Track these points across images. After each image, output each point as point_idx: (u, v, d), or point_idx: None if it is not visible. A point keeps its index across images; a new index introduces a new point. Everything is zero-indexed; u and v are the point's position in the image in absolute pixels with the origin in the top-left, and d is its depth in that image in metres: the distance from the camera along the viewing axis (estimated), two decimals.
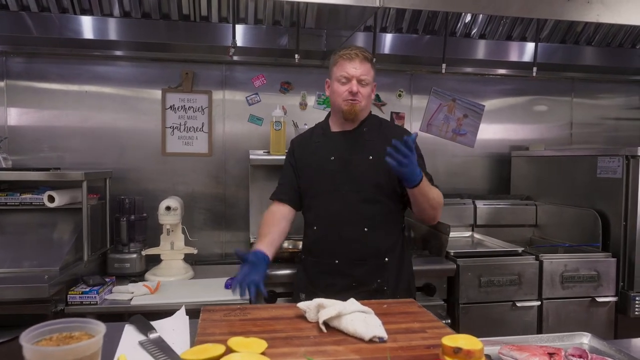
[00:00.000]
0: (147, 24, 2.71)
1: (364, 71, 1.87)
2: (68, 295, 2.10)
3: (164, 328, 1.24)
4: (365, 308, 1.24)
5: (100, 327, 0.85)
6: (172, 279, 2.50)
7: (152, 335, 1.18)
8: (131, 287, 2.29)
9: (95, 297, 2.12)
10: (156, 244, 2.64)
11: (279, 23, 2.86)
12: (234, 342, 1.02)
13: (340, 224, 1.88)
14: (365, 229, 1.86)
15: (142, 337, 1.19)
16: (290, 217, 2.02)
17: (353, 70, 1.86)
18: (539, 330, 2.40)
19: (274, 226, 1.96)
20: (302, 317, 1.29)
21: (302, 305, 1.29)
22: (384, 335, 1.15)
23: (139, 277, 2.53)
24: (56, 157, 2.85)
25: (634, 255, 2.49)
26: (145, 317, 1.29)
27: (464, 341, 1.03)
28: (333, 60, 1.94)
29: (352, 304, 1.24)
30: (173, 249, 2.61)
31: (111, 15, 2.66)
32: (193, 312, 1.39)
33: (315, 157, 1.98)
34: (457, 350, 1.00)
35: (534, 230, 3.12)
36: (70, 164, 2.83)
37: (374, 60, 1.97)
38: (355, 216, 1.87)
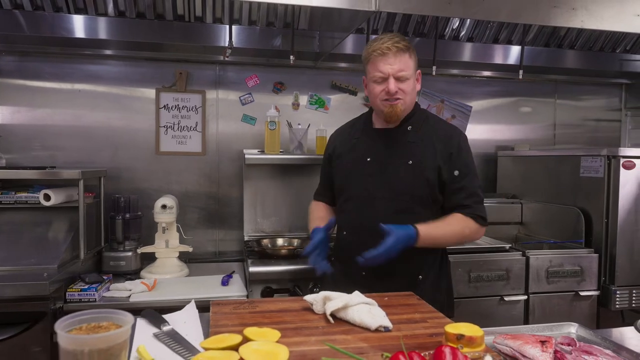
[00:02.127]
0: (141, 24, 2.72)
1: (402, 65, 1.68)
2: (67, 293, 2.12)
3: (175, 321, 1.28)
4: (370, 300, 1.30)
5: (129, 318, 0.90)
6: (167, 276, 2.53)
7: (165, 328, 1.22)
8: (128, 284, 2.31)
9: (94, 294, 2.14)
10: (151, 242, 2.66)
11: (272, 24, 2.90)
12: (249, 331, 1.07)
13: (370, 233, 1.67)
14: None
15: (155, 330, 1.23)
16: (332, 215, 1.99)
17: (388, 68, 1.68)
18: (526, 324, 2.49)
19: (319, 212, 1.99)
20: (308, 309, 1.34)
21: (308, 297, 1.34)
22: (390, 325, 1.21)
23: (134, 275, 2.56)
24: (48, 156, 2.84)
25: (614, 251, 2.60)
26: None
27: (466, 329, 1.09)
28: (365, 57, 1.77)
29: (357, 296, 1.30)
30: (168, 247, 2.64)
31: (106, 14, 2.67)
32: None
33: (352, 156, 1.85)
34: (460, 337, 1.07)
35: (519, 227, 3.23)
36: (62, 162, 2.83)
37: (412, 47, 1.79)
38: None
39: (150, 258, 2.66)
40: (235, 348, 1.00)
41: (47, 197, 2.36)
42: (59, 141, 2.86)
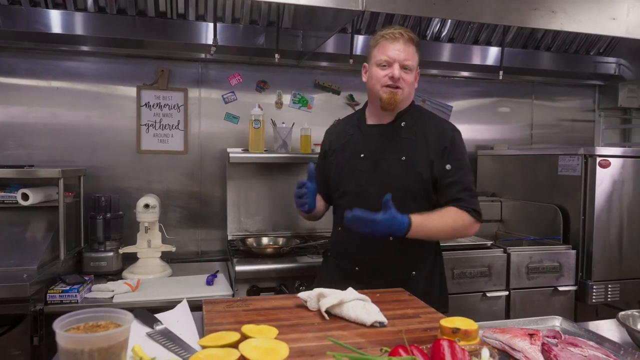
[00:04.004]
0: (122, 20, 2.68)
1: (409, 55, 1.68)
2: (47, 294, 2.07)
3: (167, 320, 1.26)
4: (363, 296, 1.32)
5: (128, 316, 0.88)
6: (150, 276, 2.50)
7: (158, 327, 1.21)
8: (111, 285, 2.27)
9: (75, 295, 2.09)
10: (132, 242, 2.62)
11: (256, 22, 2.89)
12: (247, 329, 1.07)
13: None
14: (391, 238, 1.66)
15: (148, 330, 1.21)
16: (323, 204, 1.99)
17: (396, 53, 1.67)
18: (507, 318, 2.54)
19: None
20: (302, 306, 1.34)
21: (302, 295, 1.35)
22: (384, 320, 1.22)
23: (115, 275, 2.51)
24: (24, 155, 2.77)
25: (591, 247, 2.68)
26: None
27: (461, 322, 1.11)
28: (373, 41, 1.76)
29: (352, 292, 1.31)
30: (150, 247, 2.60)
31: (85, 10, 2.62)
32: None
33: (346, 153, 1.84)
34: (455, 331, 1.08)
35: (499, 225, 3.29)
36: (39, 161, 2.75)
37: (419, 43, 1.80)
38: None
39: (131, 258, 2.61)
40: (234, 345, 1.00)
41: (25, 197, 2.30)
42: (36, 140, 2.79)
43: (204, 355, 0.94)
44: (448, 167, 1.73)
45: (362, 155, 1.78)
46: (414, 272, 1.76)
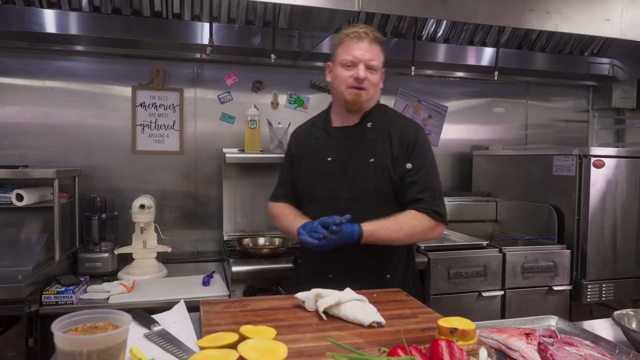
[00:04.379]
0: (117, 20, 2.67)
1: (374, 55, 1.64)
2: (42, 296, 2.06)
3: (165, 321, 1.26)
4: (361, 297, 1.32)
5: (126, 317, 0.88)
6: (146, 277, 2.49)
7: (155, 328, 1.20)
8: (106, 286, 2.26)
9: (71, 296, 2.08)
10: (127, 242, 2.61)
11: (251, 22, 2.88)
12: (246, 329, 1.07)
13: None
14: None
15: (145, 331, 1.20)
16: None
17: (361, 53, 1.62)
18: (503, 318, 2.56)
19: (291, 209, 1.83)
20: (299, 306, 1.34)
21: (300, 295, 1.35)
22: (382, 320, 1.22)
23: (111, 276, 2.50)
24: (19, 155, 2.75)
25: (586, 247, 2.70)
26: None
27: (458, 322, 1.12)
28: (337, 40, 1.70)
29: (349, 292, 1.31)
30: (146, 247, 2.59)
31: (80, 9, 2.60)
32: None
33: (312, 157, 1.78)
34: (453, 331, 1.09)
35: (494, 225, 3.31)
36: (33, 161, 2.73)
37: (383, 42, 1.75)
38: None
39: (127, 259, 2.60)
40: (232, 346, 0.99)
41: (19, 197, 2.28)
42: (31, 140, 2.77)
43: (202, 357, 0.94)
44: (409, 166, 1.68)
45: (329, 159, 1.72)
46: (388, 275, 1.71)
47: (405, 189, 1.68)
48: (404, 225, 1.62)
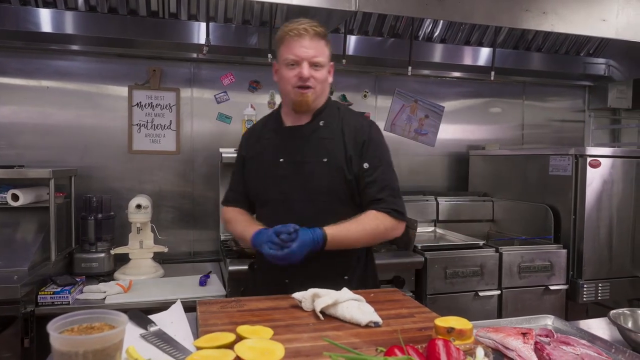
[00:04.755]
0: (113, 19, 2.66)
1: (318, 51, 1.56)
2: (38, 296, 2.05)
3: (161, 321, 1.25)
4: (358, 296, 1.32)
5: (123, 318, 0.88)
6: (142, 277, 2.48)
7: (152, 329, 1.20)
8: (102, 286, 2.26)
9: (67, 297, 2.08)
10: (123, 242, 2.60)
11: (248, 22, 2.88)
12: (243, 329, 1.07)
13: None
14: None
15: (141, 331, 1.20)
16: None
17: (303, 51, 1.54)
18: (499, 317, 2.57)
19: (245, 215, 1.77)
20: (296, 306, 1.34)
21: (297, 295, 1.34)
22: (379, 320, 1.22)
23: (107, 276, 2.50)
24: (14, 155, 2.74)
25: (582, 247, 2.71)
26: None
27: (455, 322, 1.12)
28: (279, 37, 1.61)
29: (346, 292, 1.31)
30: (142, 247, 2.58)
31: (76, 9, 2.59)
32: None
33: (264, 159, 1.71)
34: (450, 330, 1.09)
35: (490, 224, 3.31)
36: (29, 161, 2.72)
37: (327, 35, 1.64)
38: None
39: (123, 259, 2.60)
40: (229, 346, 0.99)
41: (15, 197, 2.27)
42: (26, 139, 2.76)
43: (199, 357, 0.94)
44: (366, 165, 1.63)
45: (281, 160, 1.66)
46: (346, 277, 1.65)
47: (364, 189, 1.64)
48: (366, 226, 1.58)
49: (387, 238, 1.66)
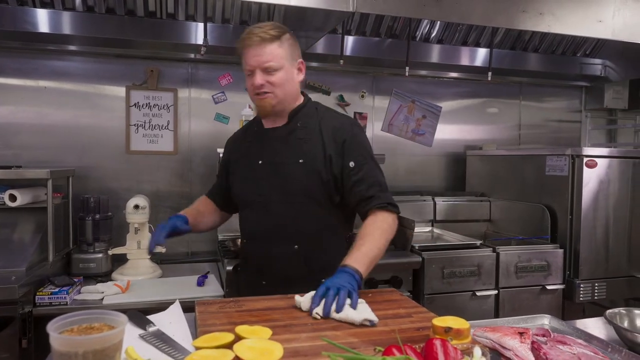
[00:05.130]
0: (111, 20, 2.66)
1: (267, 56, 1.54)
2: (36, 296, 2.05)
3: (160, 322, 1.26)
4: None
5: (122, 318, 0.88)
6: (140, 278, 2.48)
7: (151, 329, 1.20)
8: (100, 286, 2.26)
9: (65, 297, 2.07)
10: (121, 243, 2.60)
11: (246, 23, 2.88)
12: (241, 329, 1.07)
13: (268, 240, 1.65)
14: (296, 247, 1.62)
15: (140, 331, 1.20)
16: (219, 215, 1.93)
17: (254, 60, 1.54)
18: (496, 317, 2.58)
19: (200, 205, 1.90)
20: (295, 307, 1.35)
21: (297, 298, 1.35)
22: (375, 319, 1.22)
23: (105, 277, 2.49)
24: (12, 155, 2.74)
25: (578, 246, 2.72)
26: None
27: (453, 322, 1.13)
28: (238, 47, 1.62)
29: None
30: (140, 248, 2.58)
31: (73, 9, 2.59)
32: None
33: (244, 161, 1.74)
34: (447, 330, 1.10)
35: (487, 224, 3.33)
36: (26, 162, 2.72)
37: (286, 34, 1.61)
38: (285, 231, 1.63)
39: (120, 260, 2.59)
40: (228, 346, 1.00)
41: (12, 198, 2.27)
42: (24, 140, 2.76)
43: (198, 356, 0.94)
44: (352, 164, 1.62)
45: (260, 162, 1.68)
46: (323, 280, 1.52)
47: (351, 187, 1.63)
48: (376, 232, 1.55)
49: (393, 234, 1.61)
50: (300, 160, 1.62)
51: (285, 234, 1.63)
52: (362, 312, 1.25)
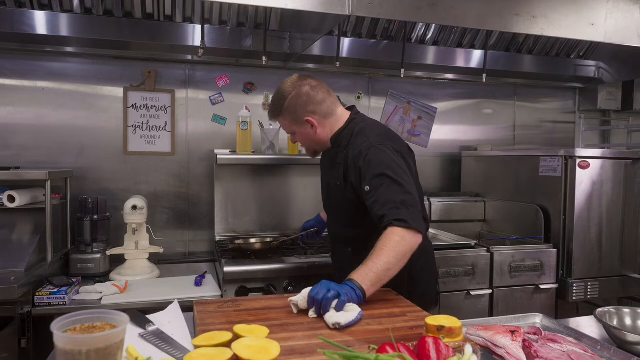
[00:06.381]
0: (109, 22, 2.68)
1: (281, 126, 1.94)
2: (35, 297, 2.06)
3: (159, 321, 1.28)
4: None
5: (124, 317, 0.90)
6: (138, 278, 2.50)
7: (150, 328, 1.23)
8: (99, 287, 2.27)
9: (64, 297, 2.09)
10: (119, 243, 2.62)
11: (243, 25, 2.90)
12: (239, 328, 1.10)
13: (333, 243, 2.09)
14: (350, 249, 1.91)
15: (140, 330, 1.23)
16: None
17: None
18: (491, 316, 2.61)
19: None
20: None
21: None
22: (342, 321, 1.22)
23: (103, 277, 2.51)
24: (10, 156, 2.75)
25: (571, 246, 2.76)
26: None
27: (445, 320, 1.16)
28: None
29: None
30: (138, 248, 2.60)
31: (71, 11, 2.61)
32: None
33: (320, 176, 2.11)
34: (440, 328, 1.13)
35: (482, 224, 3.36)
36: (25, 163, 2.73)
37: (285, 103, 1.84)
38: (339, 238, 2.00)
39: (119, 260, 2.61)
40: (226, 345, 1.02)
41: (11, 199, 2.29)
42: (22, 141, 2.77)
43: (197, 355, 0.97)
44: (367, 188, 1.69)
45: (321, 179, 2.07)
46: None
47: (370, 211, 1.68)
48: (385, 250, 1.52)
49: (410, 248, 1.56)
50: (338, 183, 1.87)
51: (340, 239, 1.99)
52: (334, 316, 1.24)
